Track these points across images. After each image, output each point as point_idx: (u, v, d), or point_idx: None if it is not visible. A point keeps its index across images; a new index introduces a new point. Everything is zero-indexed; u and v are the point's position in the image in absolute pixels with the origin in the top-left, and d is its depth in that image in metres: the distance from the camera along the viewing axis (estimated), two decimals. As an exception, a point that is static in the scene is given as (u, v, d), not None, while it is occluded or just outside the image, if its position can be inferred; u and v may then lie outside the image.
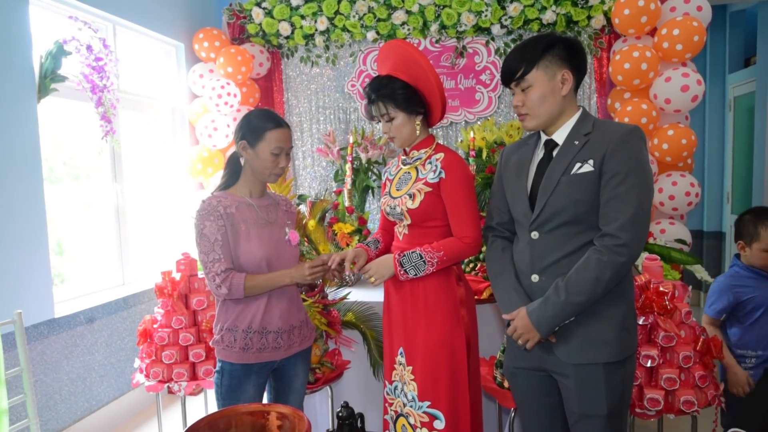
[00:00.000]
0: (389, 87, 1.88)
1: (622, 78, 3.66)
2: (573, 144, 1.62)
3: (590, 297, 1.55)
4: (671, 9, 3.72)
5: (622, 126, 1.61)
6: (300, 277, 1.86)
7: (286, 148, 1.89)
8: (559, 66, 1.61)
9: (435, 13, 4.20)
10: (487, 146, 3.70)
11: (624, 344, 1.62)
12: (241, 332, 1.86)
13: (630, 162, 1.54)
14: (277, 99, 4.61)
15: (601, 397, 1.59)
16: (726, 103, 5.38)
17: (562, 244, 1.61)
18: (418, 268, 1.86)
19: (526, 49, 1.63)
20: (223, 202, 1.85)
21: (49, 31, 3.06)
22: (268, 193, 2.02)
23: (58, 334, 2.96)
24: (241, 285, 1.80)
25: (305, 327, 2.02)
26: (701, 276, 2.93)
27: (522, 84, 1.64)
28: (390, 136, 1.94)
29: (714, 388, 2.22)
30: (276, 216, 1.96)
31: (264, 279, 1.84)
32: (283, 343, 1.91)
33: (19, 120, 2.75)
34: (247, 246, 1.84)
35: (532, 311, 1.61)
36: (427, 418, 1.91)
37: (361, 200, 3.69)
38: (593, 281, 1.53)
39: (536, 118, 1.65)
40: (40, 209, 2.85)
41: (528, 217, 1.66)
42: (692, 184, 3.69)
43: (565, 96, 1.64)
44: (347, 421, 2.01)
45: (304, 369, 2.04)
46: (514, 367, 1.79)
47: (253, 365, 1.88)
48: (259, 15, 4.37)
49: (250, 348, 1.86)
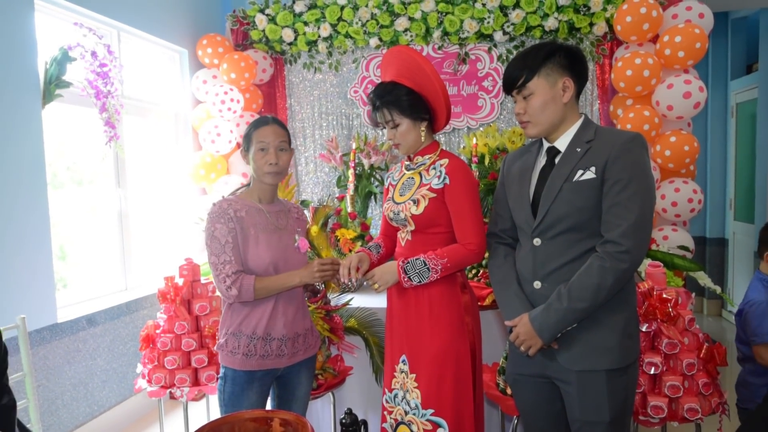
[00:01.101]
0: (394, 93, 1.88)
1: (624, 85, 3.66)
2: (575, 151, 1.63)
3: (592, 303, 1.55)
4: (673, 16, 3.73)
5: (624, 133, 1.62)
6: (309, 276, 1.87)
7: (272, 143, 1.88)
8: (560, 74, 1.62)
9: (437, 20, 4.21)
10: (490, 152, 3.70)
11: (626, 351, 1.62)
12: (245, 338, 1.86)
13: (632, 169, 1.54)
14: (280, 105, 4.63)
15: (603, 404, 1.59)
16: (728, 110, 5.38)
17: (565, 251, 1.62)
18: (422, 275, 1.86)
19: (528, 57, 1.64)
20: (234, 206, 1.87)
21: (54, 37, 3.08)
22: (280, 200, 2.03)
23: (61, 339, 2.96)
24: (251, 286, 1.80)
25: (310, 335, 2.02)
26: (704, 283, 2.92)
27: (523, 92, 1.65)
28: (395, 143, 1.95)
29: (718, 395, 2.21)
30: (286, 222, 1.97)
31: (273, 280, 1.84)
32: (287, 350, 1.91)
33: (23, 125, 2.76)
34: (256, 250, 1.85)
35: (534, 318, 1.62)
36: (431, 426, 1.90)
37: (363, 206, 3.69)
38: (595, 288, 1.54)
39: (538, 125, 1.66)
40: (43, 214, 2.86)
41: (530, 223, 1.67)
42: (695, 191, 3.69)
43: (567, 103, 1.65)
44: (351, 428, 2.00)
45: (308, 377, 2.03)
46: (516, 374, 1.79)
47: (256, 372, 1.87)
48: (263, 21, 4.39)
49: (253, 354, 1.86)
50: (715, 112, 5.41)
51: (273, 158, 1.87)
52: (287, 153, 1.93)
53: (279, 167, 1.90)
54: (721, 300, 5.39)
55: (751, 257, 4.74)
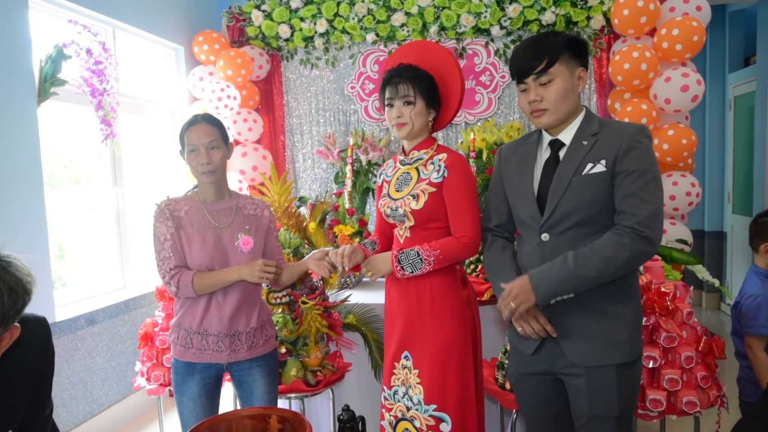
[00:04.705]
0: (418, 72, 1.89)
1: (621, 78, 3.66)
2: (581, 144, 1.59)
3: (599, 275, 1.49)
4: (670, 9, 3.72)
5: (629, 125, 1.59)
6: (249, 274, 1.85)
7: (201, 143, 1.87)
8: (576, 63, 1.59)
9: (434, 15, 4.20)
10: (487, 147, 3.70)
11: (636, 344, 1.60)
12: (183, 330, 1.93)
13: (644, 160, 1.52)
14: (276, 101, 4.62)
15: (613, 399, 1.56)
16: (726, 103, 5.38)
17: (573, 246, 1.56)
18: (415, 266, 1.85)
19: (546, 42, 1.58)
20: (173, 206, 1.93)
21: (48, 35, 3.06)
22: (233, 197, 2.00)
23: (59, 338, 2.96)
24: (189, 282, 1.84)
25: (258, 334, 1.98)
26: (702, 276, 2.92)
27: (542, 78, 1.57)
28: (400, 122, 1.89)
29: (716, 388, 2.21)
30: (232, 221, 1.94)
31: (211, 276, 1.87)
32: (225, 347, 1.92)
33: (19, 124, 2.75)
34: (190, 250, 1.89)
35: (533, 273, 1.55)
36: (434, 421, 1.90)
37: (361, 202, 3.69)
38: (606, 260, 1.48)
39: (555, 114, 1.59)
40: (40, 213, 2.85)
41: (536, 219, 1.62)
42: (693, 184, 3.69)
43: (579, 94, 1.62)
44: (348, 424, 2.00)
45: (263, 376, 2.00)
46: (519, 372, 1.74)
47: (196, 364, 1.92)
48: (259, 18, 4.37)
49: (190, 347, 1.92)
50: (713, 106, 5.41)
51: (204, 158, 1.87)
52: (219, 150, 1.90)
53: (212, 166, 1.88)
54: (720, 293, 5.39)
55: (749, 250, 4.73)
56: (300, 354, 2.30)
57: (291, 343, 2.31)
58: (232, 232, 1.93)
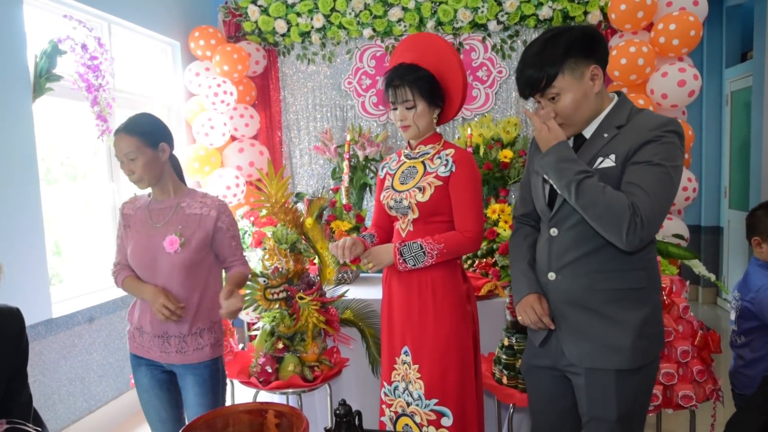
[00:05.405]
0: (417, 74, 1.88)
1: (618, 73, 3.65)
2: (601, 137, 1.50)
3: (590, 201, 1.40)
4: (667, 4, 3.72)
5: (658, 118, 1.46)
6: (152, 302, 1.82)
7: (120, 155, 1.84)
8: (585, 63, 1.46)
9: (431, 10, 4.19)
10: (485, 143, 3.70)
11: (640, 352, 1.51)
12: (131, 324, 2.00)
13: (659, 153, 1.41)
14: (273, 97, 4.61)
15: (611, 403, 1.53)
16: (723, 98, 5.39)
17: (581, 243, 1.52)
18: (418, 258, 1.86)
19: (545, 53, 1.46)
20: (129, 204, 2.00)
21: (43, 30, 3.05)
22: (179, 195, 1.94)
23: (56, 335, 2.95)
24: (120, 282, 1.95)
25: (190, 341, 1.90)
26: (699, 271, 2.93)
27: (548, 93, 1.48)
28: (405, 125, 1.91)
29: (712, 382, 2.22)
30: (169, 219, 1.89)
31: (133, 284, 1.92)
32: (156, 347, 1.92)
33: (14, 120, 2.74)
34: (129, 248, 1.92)
35: (567, 146, 1.46)
36: (435, 416, 1.91)
37: (358, 198, 3.69)
38: (605, 206, 1.38)
39: (573, 126, 1.51)
40: (36, 209, 2.84)
41: (546, 213, 1.60)
42: (690, 179, 3.69)
43: (598, 92, 1.49)
44: (345, 418, 2.00)
45: (194, 386, 1.92)
46: (529, 364, 1.74)
47: (141, 358, 1.97)
48: (255, 13, 4.36)
49: (134, 341, 1.98)
50: (710, 101, 5.41)
51: (126, 170, 1.87)
52: (140, 158, 1.83)
53: (135, 176, 1.85)
54: (716, 288, 5.41)
55: (746, 245, 4.75)
56: (297, 349, 2.30)
57: (288, 339, 2.31)
58: (165, 231, 1.87)
